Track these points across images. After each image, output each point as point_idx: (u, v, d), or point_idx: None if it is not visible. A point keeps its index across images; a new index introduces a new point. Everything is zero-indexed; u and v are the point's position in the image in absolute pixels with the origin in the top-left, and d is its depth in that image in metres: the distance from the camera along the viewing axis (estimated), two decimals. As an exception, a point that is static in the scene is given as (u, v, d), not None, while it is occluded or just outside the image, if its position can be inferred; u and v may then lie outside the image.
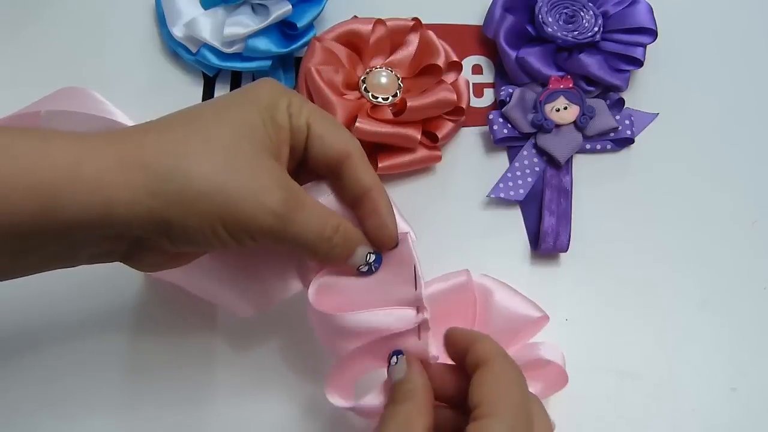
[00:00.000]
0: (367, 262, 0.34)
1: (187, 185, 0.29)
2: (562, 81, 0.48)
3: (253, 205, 0.30)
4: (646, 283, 0.46)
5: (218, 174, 0.29)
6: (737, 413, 0.43)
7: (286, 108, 0.32)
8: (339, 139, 0.33)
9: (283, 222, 0.30)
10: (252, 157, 0.30)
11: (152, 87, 0.49)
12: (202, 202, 0.29)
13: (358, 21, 0.48)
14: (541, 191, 0.47)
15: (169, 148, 0.29)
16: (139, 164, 0.28)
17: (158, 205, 0.29)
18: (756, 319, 0.45)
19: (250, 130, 0.31)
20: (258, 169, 0.30)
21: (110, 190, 0.28)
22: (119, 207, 0.28)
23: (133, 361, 0.42)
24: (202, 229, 0.30)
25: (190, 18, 0.48)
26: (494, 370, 0.30)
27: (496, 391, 0.30)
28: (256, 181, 0.30)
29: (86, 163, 0.28)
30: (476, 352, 0.31)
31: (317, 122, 0.33)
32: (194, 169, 0.29)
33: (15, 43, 0.50)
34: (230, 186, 0.29)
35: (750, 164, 0.49)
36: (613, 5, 0.50)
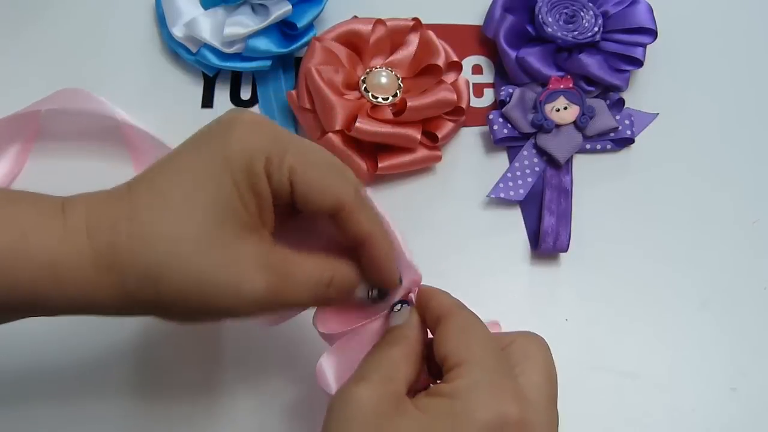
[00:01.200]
0: (371, 297, 0.32)
1: (163, 291, 0.28)
2: (562, 81, 0.48)
3: (234, 299, 0.28)
4: (646, 283, 0.46)
5: (192, 273, 0.28)
6: (737, 413, 0.43)
7: (264, 169, 0.29)
8: (328, 191, 0.29)
9: (271, 303, 0.29)
10: (227, 241, 0.28)
11: (152, 87, 0.49)
12: (181, 304, 0.28)
13: (358, 21, 0.48)
14: (541, 191, 0.47)
15: (142, 243, 0.28)
16: (113, 269, 0.28)
17: (138, 303, 0.29)
18: (756, 319, 0.45)
19: (223, 209, 0.28)
20: (235, 255, 0.28)
21: (91, 289, 0.28)
22: (103, 303, 0.28)
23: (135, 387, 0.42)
24: (186, 320, 0.31)
25: (190, 18, 0.48)
26: (453, 321, 0.30)
27: (463, 340, 0.29)
28: (234, 271, 0.28)
29: (65, 265, 0.28)
30: (433, 310, 0.31)
31: (301, 178, 0.29)
32: (166, 272, 0.27)
33: (15, 42, 0.50)
34: (207, 284, 0.28)
35: (750, 164, 0.49)
36: (613, 5, 0.50)
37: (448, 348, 0.29)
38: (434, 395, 0.28)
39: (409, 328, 0.31)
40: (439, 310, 0.31)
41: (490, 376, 0.28)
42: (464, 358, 0.28)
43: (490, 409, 0.27)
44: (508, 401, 0.27)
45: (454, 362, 0.28)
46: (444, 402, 0.28)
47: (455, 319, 0.30)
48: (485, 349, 0.29)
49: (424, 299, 0.32)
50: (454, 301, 0.31)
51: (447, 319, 0.30)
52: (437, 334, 0.30)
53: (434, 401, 0.28)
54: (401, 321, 0.32)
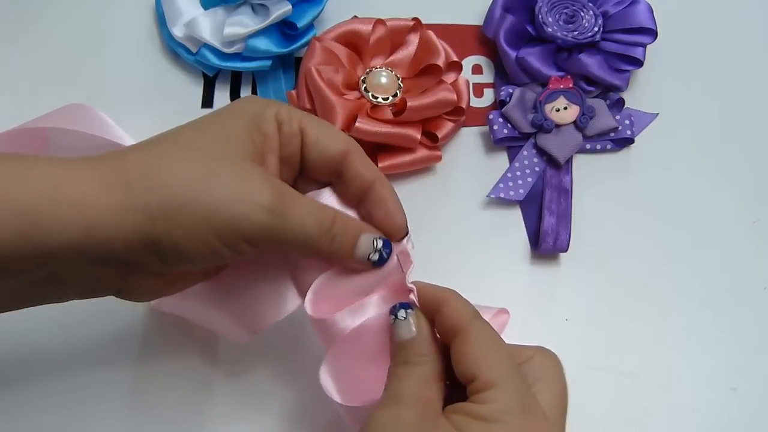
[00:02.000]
0: (376, 248, 0.32)
1: (170, 195, 0.28)
2: (562, 81, 0.48)
3: (243, 204, 0.28)
4: (646, 283, 0.46)
5: (201, 180, 0.28)
6: (737, 413, 0.43)
7: (274, 117, 0.32)
8: (336, 138, 0.33)
9: (278, 217, 0.29)
10: (236, 162, 0.30)
11: (152, 87, 0.49)
12: (188, 211, 0.28)
13: (358, 21, 0.48)
14: (541, 191, 0.47)
15: (150, 162, 0.29)
16: (121, 182, 0.28)
17: (142, 220, 0.28)
18: (756, 319, 0.45)
19: (232, 139, 0.30)
20: (243, 171, 0.29)
21: (92, 210, 0.27)
22: (102, 227, 0.27)
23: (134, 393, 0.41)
24: (192, 240, 0.28)
25: (190, 18, 0.48)
26: (475, 338, 0.29)
27: (489, 359, 0.29)
28: (243, 182, 0.29)
29: (67, 185, 0.27)
30: (449, 318, 0.30)
31: (310, 126, 0.32)
32: (175, 180, 0.28)
33: (15, 43, 0.50)
34: (215, 189, 0.28)
35: (750, 164, 0.49)
36: (613, 5, 0.50)
37: (477, 368, 0.29)
38: (471, 416, 0.28)
39: (423, 344, 0.30)
40: (456, 321, 0.30)
41: (522, 400, 0.28)
42: (494, 380, 0.28)
43: (528, 426, 0.27)
44: (539, 423, 0.28)
45: (484, 383, 0.28)
46: (483, 426, 0.27)
47: (477, 335, 0.29)
48: (512, 369, 0.29)
49: (432, 303, 0.31)
50: (470, 310, 0.30)
51: (468, 333, 0.29)
52: (458, 348, 0.29)
53: (473, 424, 0.27)
54: (411, 334, 0.31)
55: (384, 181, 0.33)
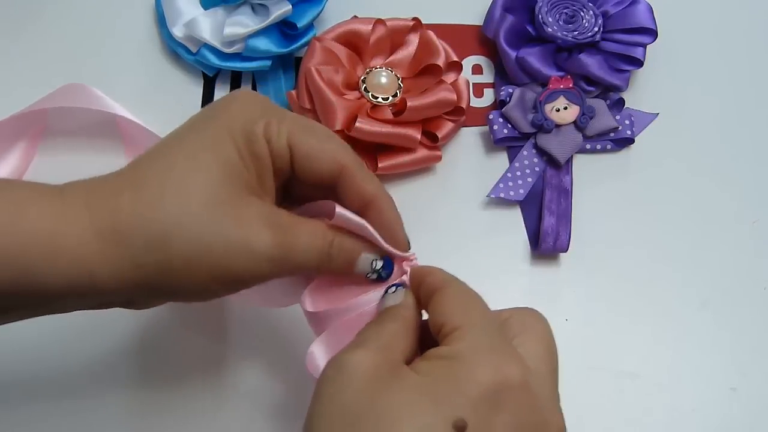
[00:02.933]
0: (374, 269, 0.31)
1: (172, 254, 0.27)
2: (562, 81, 0.48)
3: (245, 258, 0.28)
4: (646, 283, 0.46)
5: (202, 234, 0.27)
6: (737, 413, 0.43)
7: (263, 133, 0.29)
8: (328, 154, 0.30)
9: (281, 262, 0.29)
10: (233, 201, 0.28)
11: (152, 87, 0.49)
12: (192, 266, 0.28)
13: (358, 21, 0.48)
14: (541, 191, 0.47)
15: (146, 212, 0.27)
16: (118, 236, 0.27)
17: (144, 276, 0.27)
18: (756, 319, 0.45)
19: (227, 170, 0.29)
20: (242, 214, 0.28)
21: (92, 263, 0.27)
22: (103, 278, 0.27)
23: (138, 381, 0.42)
24: (195, 289, 0.29)
25: (190, 18, 0.48)
26: (450, 291, 0.29)
27: (460, 306, 0.29)
28: (243, 229, 0.28)
29: (63, 234, 0.27)
30: (428, 285, 0.30)
31: (300, 141, 0.30)
32: (176, 234, 0.27)
33: (15, 42, 0.50)
34: (218, 243, 0.28)
35: (750, 164, 0.49)
36: (613, 5, 0.50)
37: (445, 315, 0.28)
38: (432, 358, 0.27)
39: (404, 307, 0.30)
40: (434, 284, 0.30)
41: (491, 339, 0.28)
42: (463, 323, 0.28)
43: (491, 370, 0.26)
44: (510, 364, 0.27)
45: (451, 327, 0.28)
46: (443, 364, 0.27)
47: (452, 289, 0.30)
48: (484, 315, 0.29)
49: (418, 277, 0.31)
50: (450, 275, 0.31)
51: (443, 289, 0.30)
52: (433, 303, 0.29)
53: (433, 364, 0.27)
54: (397, 301, 0.31)
55: (382, 197, 0.32)
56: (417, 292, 0.31)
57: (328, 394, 0.27)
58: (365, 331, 0.30)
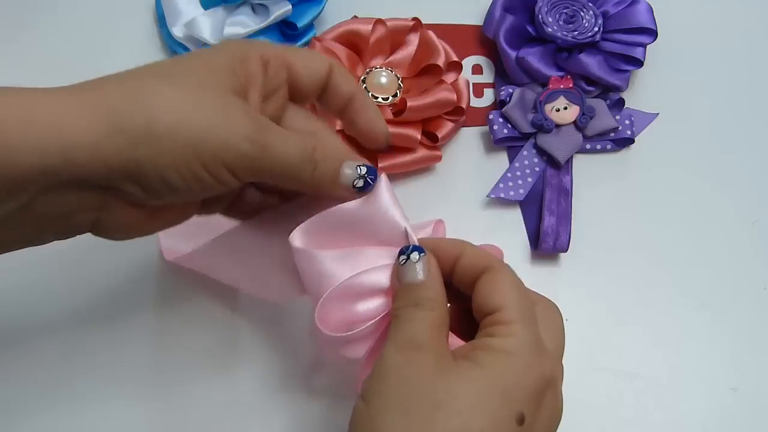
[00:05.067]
0: (361, 174, 0.32)
1: (154, 120, 0.27)
2: (562, 81, 0.48)
3: (226, 132, 0.28)
4: (646, 283, 0.46)
5: (186, 108, 0.28)
6: (737, 413, 0.43)
7: (259, 57, 0.32)
8: (319, 60, 0.34)
9: (260, 146, 0.29)
10: (218, 93, 0.29)
11: (152, 87, 0.49)
12: (173, 136, 0.27)
13: (358, 21, 0.48)
14: (541, 191, 0.47)
15: (133, 88, 0.28)
16: (101, 105, 0.27)
17: (124, 144, 0.27)
18: (756, 319, 0.45)
19: (215, 71, 0.30)
20: (226, 103, 0.29)
21: (69, 132, 0.26)
22: (80, 150, 0.26)
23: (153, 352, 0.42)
24: (176, 166, 0.28)
25: (190, 18, 0.48)
26: (504, 276, 0.31)
27: (513, 297, 0.30)
28: (226, 112, 0.29)
29: (41, 108, 0.26)
30: (474, 258, 0.32)
31: (295, 56, 0.33)
32: (160, 105, 0.28)
33: (15, 43, 0.50)
34: (200, 117, 0.28)
35: (750, 164, 0.49)
36: (613, 5, 0.50)
37: (501, 300, 0.30)
38: (492, 349, 0.29)
39: (434, 288, 0.31)
40: (484, 261, 0.31)
41: (536, 335, 0.30)
42: (516, 316, 0.30)
43: (541, 368, 0.29)
44: (549, 362, 0.30)
45: (508, 317, 0.30)
46: (502, 358, 0.29)
47: (506, 273, 0.31)
48: (531, 310, 0.31)
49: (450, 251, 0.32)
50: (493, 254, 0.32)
51: (497, 270, 0.31)
52: (485, 283, 0.31)
53: (490, 356, 0.29)
54: (421, 275, 0.31)
55: (363, 93, 0.35)
56: (447, 263, 0.32)
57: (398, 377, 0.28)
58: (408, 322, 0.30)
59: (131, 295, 0.43)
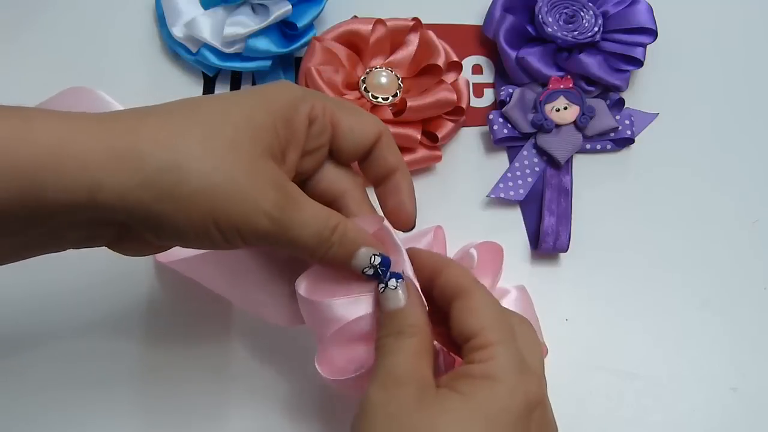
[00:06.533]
0: (372, 264, 0.31)
1: (182, 181, 0.27)
2: (562, 81, 0.48)
3: (248, 206, 0.29)
4: (646, 283, 0.46)
5: (215, 172, 0.28)
6: (737, 413, 0.43)
7: (308, 113, 0.31)
8: (369, 125, 0.33)
9: (279, 225, 0.29)
10: (251, 157, 0.29)
11: (152, 87, 0.49)
12: (196, 200, 0.28)
13: (358, 21, 0.48)
14: (541, 191, 0.47)
15: (167, 138, 0.28)
16: (132, 151, 0.27)
17: (149, 197, 0.27)
18: (756, 319, 0.45)
19: (254, 130, 0.30)
20: (255, 170, 0.29)
21: (97, 173, 0.27)
22: (106, 192, 0.27)
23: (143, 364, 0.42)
24: (193, 227, 0.28)
25: (190, 18, 0.48)
26: (478, 299, 0.30)
27: (489, 319, 0.30)
28: (253, 182, 0.29)
29: (71, 143, 0.26)
30: (452, 279, 0.31)
31: (343, 117, 0.33)
32: (191, 165, 0.28)
33: (15, 43, 0.50)
34: (226, 186, 0.28)
35: (750, 164, 0.49)
36: (613, 5, 0.50)
37: (475, 327, 0.30)
38: (474, 377, 0.29)
39: (414, 316, 0.31)
40: (460, 282, 0.31)
41: (517, 357, 0.29)
42: (495, 339, 0.29)
43: (524, 390, 0.28)
44: (534, 382, 0.29)
45: (484, 341, 0.29)
46: (485, 384, 0.28)
47: (480, 297, 0.31)
48: (510, 330, 0.30)
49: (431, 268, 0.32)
50: (473, 277, 0.31)
51: (471, 294, 0.31)
52: (461, 306, 0.30)
53: (478, 385, 0.28)
54: (401, 303, 0.31)
55: (405, 171, 0.34)
56: (427, 280, 0.32)
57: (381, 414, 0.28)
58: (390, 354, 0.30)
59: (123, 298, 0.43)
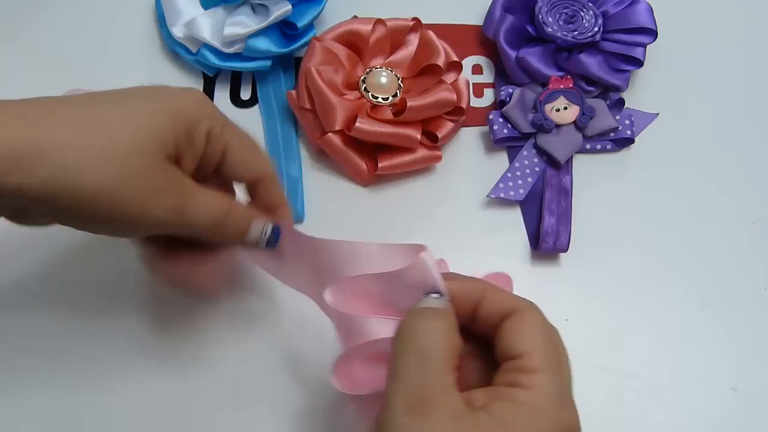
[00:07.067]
0: (264, 231, 0.36)
1: (84, 182, 0.29)
2: (562, 81, 0.48)
3: (147, 203, 0.31)
4: (646, 283, 0.46)
5: (116, 175, 0.30)
6: (737, 413, 0.43)
7: (206, 132, 0.34)
8: (255, 165, 0.36)
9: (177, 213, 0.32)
10: (152, 158, 0.31)
11: (152, 87, 0.49)
12: (96, 199, 0.30)
13: (358, 21, 0.48)
14: (541, 191, 0.47)
15: (70, 140, 0.29)
16: (35, 154, 0.28)
17: (51, 193, 0.29)
18: (756, 319, 0.45)
19: (157, 135, 0.32)
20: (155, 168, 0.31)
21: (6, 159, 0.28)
22: (7, 185, 0.28)
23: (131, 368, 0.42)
24: (92, 221, 0.31)
25: (190, 18, 0.48)
26: (531, 318, 0.29)
27: (540, 341, 0.28)
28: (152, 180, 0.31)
29: None
30: (500, 300, 0.30)
31: (235, 148, 0.35)
32: (92, 171, 0.29)
33: (15, 43, 0.50)
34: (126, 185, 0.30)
35: (750, 164, 0.49)
36: (613, 5, 0.50)
37: (527, 345, 0.28)
38: (511, 402, 0.27)
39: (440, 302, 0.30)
40: (510, 302, 0.30)
41: (562, 387, 0.28)
42: (543, 366, 0.28)
43: (564, 421, 0.27)
44: (573, 413, 0.28)
45: (534, 365, 0.28)
46: (526, 413, 0.27)
47: (534, 316, 0.29)
48: (557, 355, 0.29)
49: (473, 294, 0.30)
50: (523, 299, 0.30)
51: (525, 312, 0.29)
52: (512, 325, 0.29)
53: (513, 411, 0.27)
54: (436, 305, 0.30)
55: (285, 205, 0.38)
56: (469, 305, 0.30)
57: None
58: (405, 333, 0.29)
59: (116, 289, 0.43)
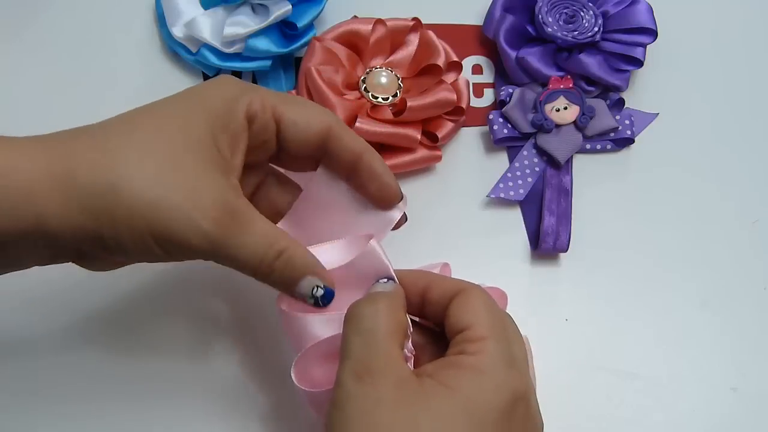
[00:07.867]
0: (313, 295, 0.31)
1: (118, 202, 0.27)
2: (562, 81, 0.48)
3: (184, 225, 0.28)
4: (646, 283, 0.46)
5: (151, 190, 0.28)
6: (737, 413, 0.43)
7: (245, 111, 0.31)
8: (315, 116, 0.32)
9: (216, 245, 0.29)
10: (193, 172, 0.29)
11: (152, 87, 0.49)
12: (133, 220, 0.28)
13: (358, 21, 0.48)
14: (541, 191, 0.47)
15: (101, 159, 0.28)
16: (69, 176, 0.27)
17: (89, 220, 0.28)
18: (756, 319, 0.45)
19: (194, 143, 0.29)
20: (197, 186, 0.29)
21: (41, 201, 0.27)
22: (50, 219, 0.27)
23: None
24: (135, 244, 0.28)
25: (190, 18, 0.48)
26: (475, 296, 0.31)
27: (484, 313, 0.30)
28: (192, 200, 0.28)
29: (15, 171, 0.27)
30: (448, 285, 0.32)
31: (286, 110, 0.32)
32: (126, 185, 0.28)
33: (15, 43, 0.50)
34: (162, 204, 0.28)
35: (750, 164, 0.49)
36: (613, 5, 0.50)
37: (470, 318, 0.30)
38: (461, 368, 0.29)
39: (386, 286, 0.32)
40: (456, 285, 0.32)
41: (506, 352, 0.30)
42: (488, 333, 0.30)
43: (511, 385, 0.29)
44: (520, 377, 0.29)
45: (477, 335, 0.30)
46: (471, 376, 0.28)
47: (475, 294, 0.31)
48: (501, 326, 0.31)
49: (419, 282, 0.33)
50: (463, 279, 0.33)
51: (469, 291, 0.31)
52: (458, 303, 0.31)
53: (459, 375, 0.28)
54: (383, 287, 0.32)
55: (371, 151, 0.33)
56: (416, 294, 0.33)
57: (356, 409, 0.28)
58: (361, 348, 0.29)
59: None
